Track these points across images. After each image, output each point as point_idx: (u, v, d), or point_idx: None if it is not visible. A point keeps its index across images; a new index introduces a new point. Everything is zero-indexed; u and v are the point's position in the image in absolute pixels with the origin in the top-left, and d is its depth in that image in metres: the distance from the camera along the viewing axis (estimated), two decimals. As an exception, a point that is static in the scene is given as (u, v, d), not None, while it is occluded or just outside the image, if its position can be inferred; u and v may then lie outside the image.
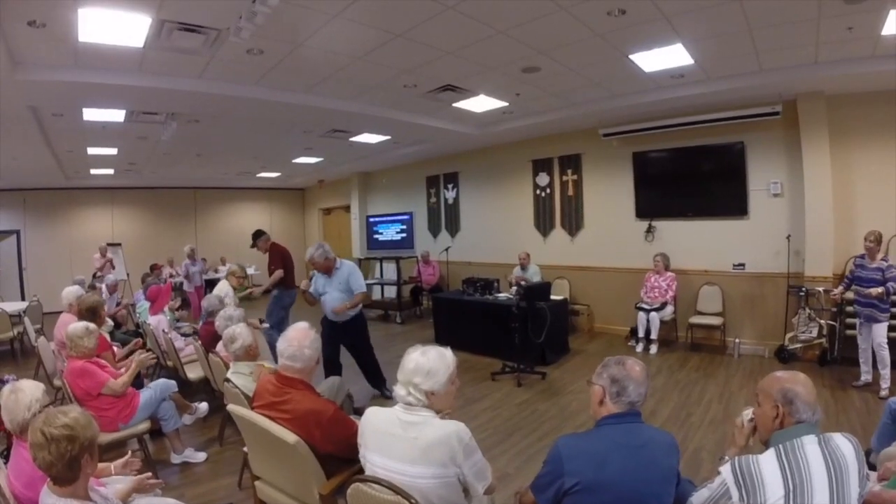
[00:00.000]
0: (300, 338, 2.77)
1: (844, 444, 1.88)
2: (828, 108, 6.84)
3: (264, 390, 2.81)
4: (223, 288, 6.79)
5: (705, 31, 5.21)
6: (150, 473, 2.78)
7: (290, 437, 2.46)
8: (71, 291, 5.85)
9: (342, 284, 5.70)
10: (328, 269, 5.73)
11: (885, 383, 5.50)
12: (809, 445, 1.83)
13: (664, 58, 5.91)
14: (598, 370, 2.19)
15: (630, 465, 1.94)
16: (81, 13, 4.28)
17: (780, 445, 1.86)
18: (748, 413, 2.22)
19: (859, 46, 5.50)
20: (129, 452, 2.64)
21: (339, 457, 2.65)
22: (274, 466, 2.82)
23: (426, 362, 2.27)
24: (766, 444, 1.98)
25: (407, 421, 2.24)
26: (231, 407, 2.95)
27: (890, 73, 5.86)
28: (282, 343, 2.77)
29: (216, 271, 13.36)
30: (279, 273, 7.52)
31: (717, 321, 7.77)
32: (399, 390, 2.28)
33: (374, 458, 2.26)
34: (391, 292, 12.31)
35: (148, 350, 4.78)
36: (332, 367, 5.72)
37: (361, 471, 2.41)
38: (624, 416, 2.06)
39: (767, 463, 1.83)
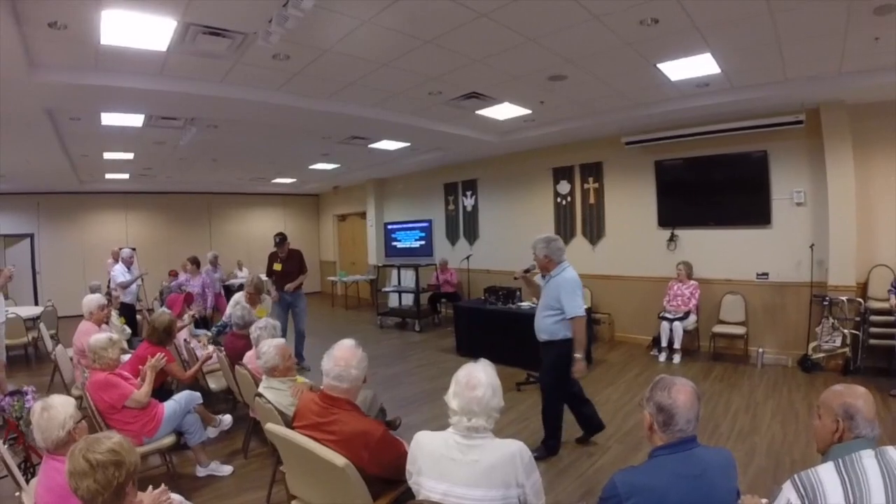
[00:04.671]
0: (347, 357, 2.66)
1: None
2: (850, 117, 6.80)
3: (307, 410, 2.72)
4: (238, 298, 6.67)
5: (736, 42, 5.16)
6: (164, 487, 2.67)
7: (340, 460, 2.37)
8: (92, 300, 5.78)
9: (549, 298, 4.54)
10: (544, 269, 4.64)
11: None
12: (867, 459, 1.83)
13: (692, 67, 5.87)
14: (647, 392, 2.10)
15: (690, 496, 1.88)
16: (105, 15, 4.21)
17: (840, 459, 1.85)
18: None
19: (884, 57, 5.42)
20: (162, 486, 2.54)
21: (385, 478, 2.57)
22: (316, 487, 2.73)
23: (492, 397, 2.24)
24: (823, 455, 1.98)
25: (466, 444, 2.18)
26: (269, 426, 2.84)
27: (913, 82, 5.81)
28: (328, 362, 2.67)
29: (236, 276, 13.20)
30: (305, 275, 7.90)
31: (740, 331, 7.68)
32: (469, 421, 2.21)
33: (431, 485, 2.19)
34: (409, 300, 12.23)
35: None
36: (569, 401, 4.85)
37: (408, 491, 2.38)
38: (677, 446, 1.98)
39: (827, 475, 1.83)
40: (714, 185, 8.03)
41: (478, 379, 2.26)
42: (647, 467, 2.01)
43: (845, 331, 6.61)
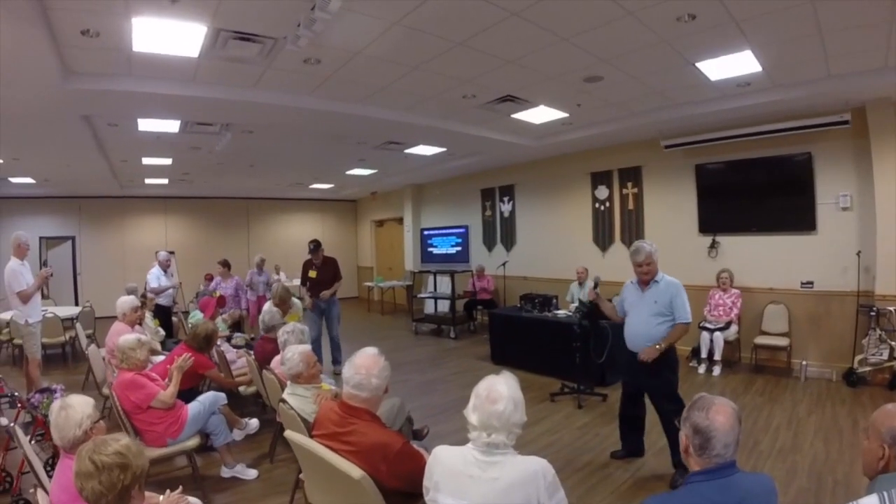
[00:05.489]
0: (368, 366, 2.57)
1: None
2: (896, 115, 6.49)
3: (326, 419, 2.65)
4: (269, 307, 6.66)
5: (776, 36, 4.95)
6: (180, 490, 2.56)
7: (356, 471, 2.29)
8: (126, 301, 5.85)
9: (660, 305, 4.20)
10: (648, 276, 4.31)
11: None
12: None
13: (731, 65, 5.67)
14: (684, 412, 1.95)
15: None
16: (136, 22, 4.26)
17: (885, 492, 1.67)
18: None
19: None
20: (179, 488, 2.47)
21: (404, 491, 2.47)
22: (332, 497, 2.66)
23: (513, 411, 2.13)
24: (870, 479, 1.85)
25: (485, 461, 2.07)
26: (289, 434, 2.80)
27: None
28: (348, 370, 2.59)
29: (273, 280, 13.31)
30: (340, 282, 7.91)
31: (782, 342, 7.38)
32: (488, 437, 2.09)
33: (448, 502, 2.09)
34: (444, 306, 12.13)
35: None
36: (628, 420, 4.67)
37: (426, 505, 2.28)
38: (714, 472, 1.83)
39: None
40: (757, 190, 7.76)
41: (498, 392, 2.14)
42: (680, 494, 1.90)
43: (893, 343, 6.30)
